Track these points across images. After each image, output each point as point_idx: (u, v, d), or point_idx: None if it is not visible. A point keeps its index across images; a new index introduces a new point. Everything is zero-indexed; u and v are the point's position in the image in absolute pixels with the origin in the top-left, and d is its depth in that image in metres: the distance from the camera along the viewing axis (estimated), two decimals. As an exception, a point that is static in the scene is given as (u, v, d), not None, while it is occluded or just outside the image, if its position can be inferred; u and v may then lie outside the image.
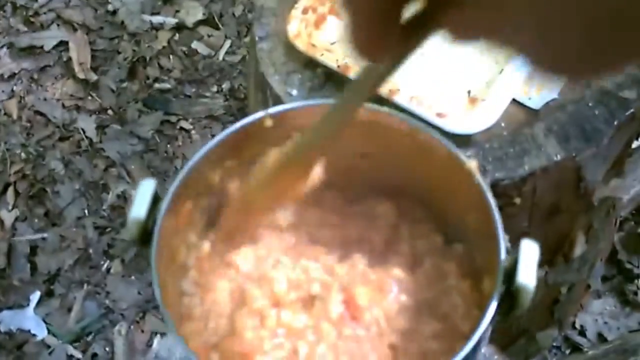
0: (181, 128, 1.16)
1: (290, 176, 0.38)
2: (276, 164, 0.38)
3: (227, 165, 0.42)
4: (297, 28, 0.67)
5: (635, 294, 0.98)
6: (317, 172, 0.42)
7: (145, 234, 0.37)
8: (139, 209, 0.37)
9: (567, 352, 0.96)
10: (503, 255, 0.36)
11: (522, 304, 0.35)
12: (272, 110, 0.41)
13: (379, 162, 0.43)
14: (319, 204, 0.44)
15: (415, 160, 0.42)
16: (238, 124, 0.41)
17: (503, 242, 0.36)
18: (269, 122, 0.41)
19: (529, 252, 0.35)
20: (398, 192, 0.44)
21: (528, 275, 0.34)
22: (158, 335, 0.99)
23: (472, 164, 0.40)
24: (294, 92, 0.66)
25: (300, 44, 0.66)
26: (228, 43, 1.23)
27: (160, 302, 0.36)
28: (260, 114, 0.41)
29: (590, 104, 0.65)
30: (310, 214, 0.44)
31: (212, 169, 0.41)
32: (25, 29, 1.25)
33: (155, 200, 0.38)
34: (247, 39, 1.21)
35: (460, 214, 0.41)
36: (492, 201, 0.38)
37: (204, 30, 1.25)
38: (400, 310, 0.40)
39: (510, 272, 0.35)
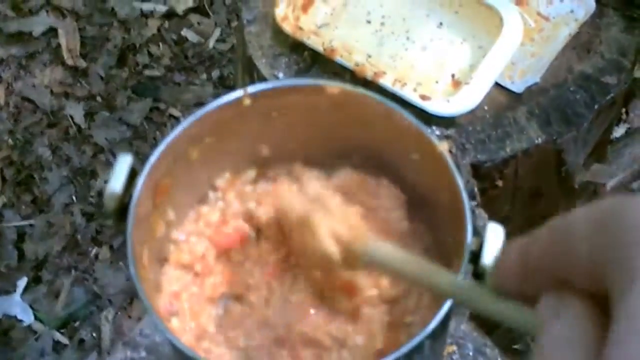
0: (170, 115, 1.16)
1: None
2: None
3: (207, 142, 0.42)
4: (284, 11, 0.67)
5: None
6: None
7: (123, 209, 0.37)
8: (115, 183, 0.37)
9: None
10: (469, 237, 0.36)
11: (487, 284, 0.35)
12: (251, 89, 0.41)
13: (353, 140, 0.44)
14: (296, 179, 0.44)
15: (388, 140, 0.42)
16: (217, 102, 0.41)
17: (470, 224, 0.36)
18: (247, 101, 0.41)
19: (494, 234, 0.35)
20: (371, 173, 0.44)
21: (491, 257, 0.34)
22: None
23: (444, 146, 0.40)
24: (281, 74, 0.67)
25: (288, 27, 0.67)
26: (218, 31, 1.24)
27: (135, 276, 0.35)
28: (239, 92, 0.41)
29: (571, 89, 0.66)
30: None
31: (191, 144, 0.41)
32: (14, 14, 1.25)
33: (133, 174, 0.38)
34: (236, 24, 1.21)
35: (433, 196, 0.42)
36: (461, 183, 0.38)
37: (194, 18, 1.25)
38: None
39: (478, 254, 0.35)
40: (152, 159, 0.39)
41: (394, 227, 0.42)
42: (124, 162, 0.38)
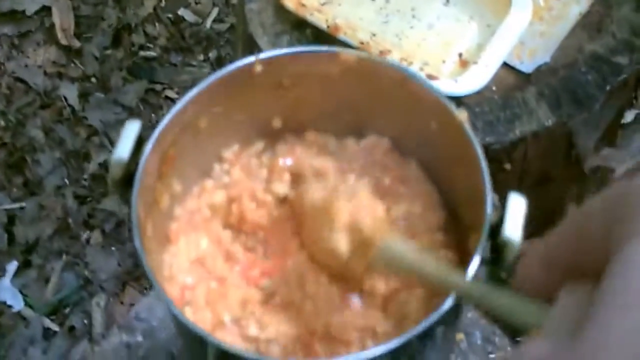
0: (166, 97, 1.14)
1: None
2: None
3: (215, 112, 0.40)
4: (286, -13, 0.65)
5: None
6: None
7: (128, 176, 0.36)
8: (122, 149, 0.36)
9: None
10: (489, 208, 0.35)
11: (507, 259, 0.33)
12: (262, 55, 0.40)
13: (368, 110, 0.42)
14: (311, 145, 0.43)
15: (405, 109, 0.41)
16: (227, 69, 0.39)
17: (490, 196, 0.35)
18: (258, 68, 0.40)
19: (516, 206, 0.34)
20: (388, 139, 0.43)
21: (514, 229, 0.33)
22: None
23: (462, 115, 0.38)
24: (282, 52, 0.65)
25: (290, 4, 0.65)
26: (216, 11, 1.21)
27: (140, 247, 0.35)
28: (250, 59, 0.40)
29: (582, 69, 0.64)
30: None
31: (199, 114, 0.40)
32: (6, -8, 1.22)
33: (140, 142, 0.37)
34: (235, 2, 1.19)
35: (450, 167, 0.40)
36: (481, 153, 0.37)
37: (191, -3, 1.22)
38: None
39: (496, 228, 0.34)
40: (161, 126, 0.38)
41: (427, 200, 0.41)
42: (131, 129, 0.37)
